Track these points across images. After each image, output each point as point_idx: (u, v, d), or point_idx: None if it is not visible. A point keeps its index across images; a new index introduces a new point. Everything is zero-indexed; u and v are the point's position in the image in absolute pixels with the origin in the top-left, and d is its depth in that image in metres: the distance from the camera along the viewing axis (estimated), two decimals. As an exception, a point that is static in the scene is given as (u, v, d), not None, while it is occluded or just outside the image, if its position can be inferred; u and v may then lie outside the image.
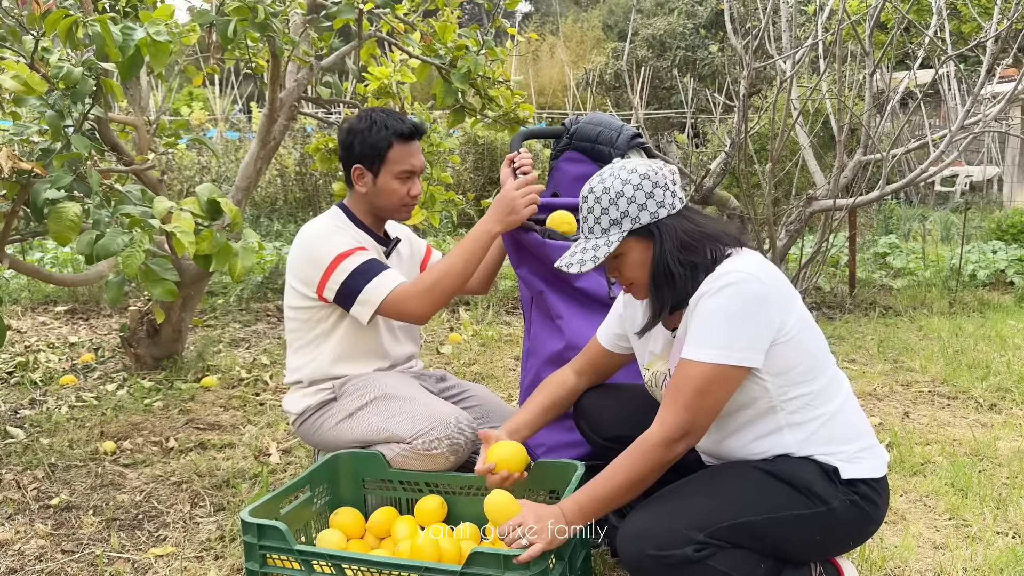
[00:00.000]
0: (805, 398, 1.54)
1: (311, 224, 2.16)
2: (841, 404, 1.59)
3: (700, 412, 1.49)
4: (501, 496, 1.66)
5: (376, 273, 2.01)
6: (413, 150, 2.13)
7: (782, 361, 1.51)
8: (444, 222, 7.11)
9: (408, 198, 2.15)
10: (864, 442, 1.58)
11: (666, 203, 1.55)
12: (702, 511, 1.47)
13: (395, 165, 2.11)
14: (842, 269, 5.80)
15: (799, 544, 1.53)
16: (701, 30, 18.85)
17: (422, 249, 2.41)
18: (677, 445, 1.49)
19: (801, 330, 1.53)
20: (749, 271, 1.49)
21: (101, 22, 2.13)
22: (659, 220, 1.55)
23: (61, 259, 5.55)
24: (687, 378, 1.49)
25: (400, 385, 2.09)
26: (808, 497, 1.50)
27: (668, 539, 1.43)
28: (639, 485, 1.51)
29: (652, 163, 1.59)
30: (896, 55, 5.94)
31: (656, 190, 1.55)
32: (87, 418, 3.05)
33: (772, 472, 1.52)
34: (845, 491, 1.52)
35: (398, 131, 2.09)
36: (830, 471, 1.53)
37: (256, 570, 1.64)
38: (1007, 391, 3.33)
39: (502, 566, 1.45)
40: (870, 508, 1.54)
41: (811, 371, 1.55)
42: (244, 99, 12.49)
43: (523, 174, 2.35)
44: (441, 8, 3.33)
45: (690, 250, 1.54)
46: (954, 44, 4.56)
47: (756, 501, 1.49)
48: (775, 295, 1.50)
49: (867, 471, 1.55)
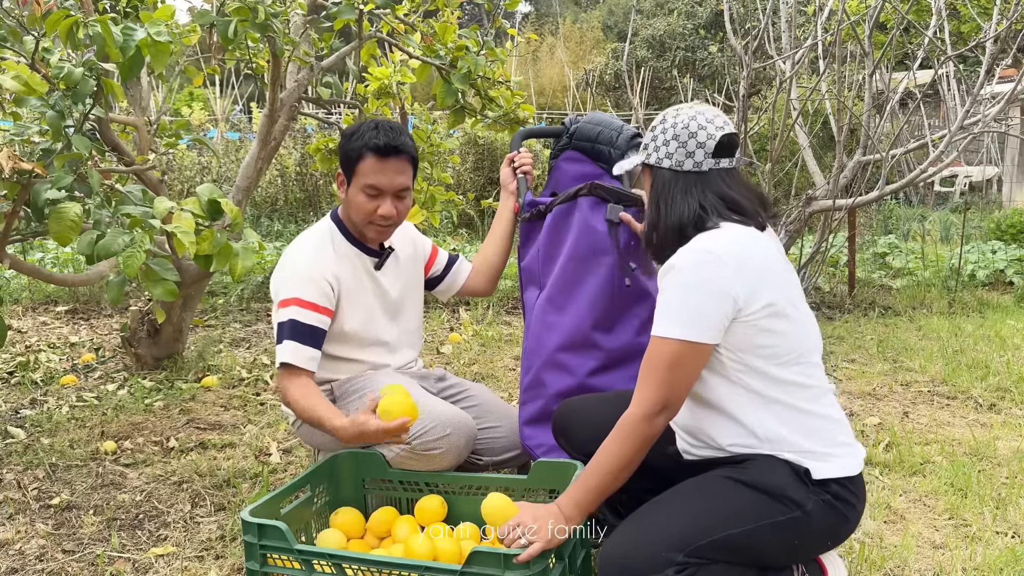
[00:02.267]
0: (768, 379, 1.54)
1: (301, 244, 2.13)
2: (815, 398, 1.57)
3: (674, 386, 1.51)
4: (498, 499, 1.67)
5: (295, 338, 1.97)
6: (386, 168, 2.01)
7: (742, 339, 1.52)
8: (444, 222, 7.12)
9: (376, 216, 2.04)
10: (838, 438, 1.57)
11: (674, 157, 1.61)
12: (680, 531, 1.46)
13: (362, 178, 2.02)
14: (841, 269, 5.81)
15: (778, 550, 1.54)
16: (701, 31, 18.86)
17: (427, 249, 2.37)
18: (657, 419, 1.51)
19: (771, 315, 1.52)
20: (714, 250, 1.51)
21: (102, 22, 2.13)
22: (660, 166, 1.63)
23: (62, 259, 5.56)
24: (658, 354, 1.52)
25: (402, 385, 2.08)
26: (783, 503, 1.49)
27: (648, 562, 1.42)
28: (629, 466, 1.52)
29: (703, 120, 1.61)
30: (896, 55, 5.94)
31: (673, 142, 1.61)
32: (88, 418, 3.05)
33: (745, 481, 1.52)
34: (818, 492, 1.51)
35: (373, 144, 1.99)
36: (801, 472, 1.52)
37: (256, 570, 1.64)
38: (1006, 391, 3.34)
39: (502, 565, 1.46)
40: (845, 508, 1.53)
41: (779, 356, 1.54)
42: (244, 99, 12.49)
43: (523, 173, 2.36)
44: (441, 9, 3.34)
45: (667, 207, 1.61)
46: (953, 44, 4.57)
47: (732, 514, 1.49)
48: (739, 275, 1.49)
49: (840, 470, 1.53)
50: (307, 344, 1.99)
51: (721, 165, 1.61)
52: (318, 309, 2.02)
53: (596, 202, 2.13)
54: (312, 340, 2.00)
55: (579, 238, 2.12)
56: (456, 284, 2.40)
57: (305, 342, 1.99)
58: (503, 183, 2.39)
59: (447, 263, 2.40)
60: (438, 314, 4.96)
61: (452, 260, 2.41)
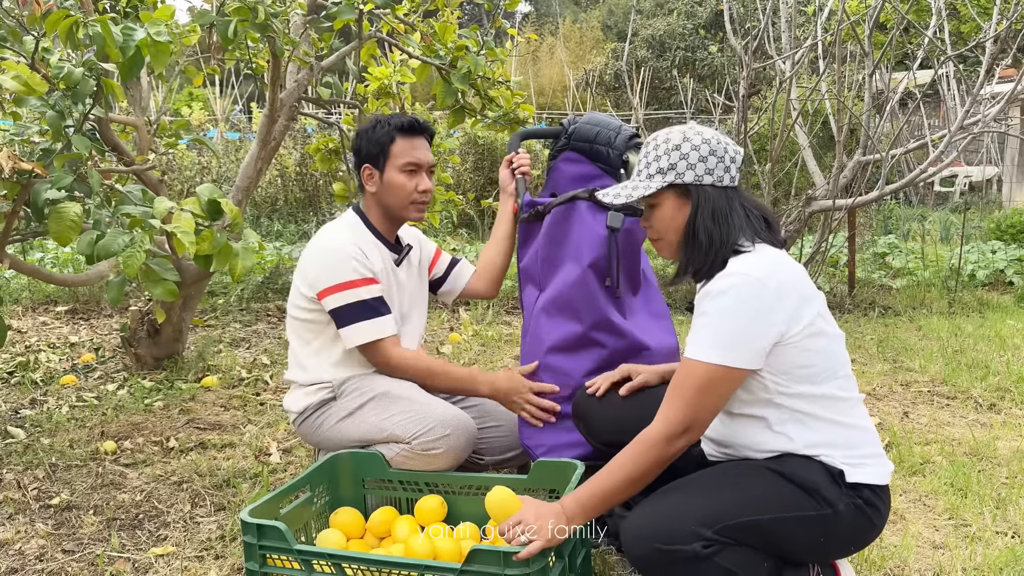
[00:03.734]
0: (807, 399, 1.54)
1: (331, 231, 2.15)
2: (849, 409, 1.58)
3: (701, 410, 1.50)
4: (502, 493, 1.67)
5: (376, 315, 2.05)
6: (417, 144, 2.13)
7: (785, 362, 1.51)
8: (444, 222, 7.12)
9: (417, 194, 2.14)
10: (869, 449, 1.58)
11: (715, 172, 1.57)
12: (711, 508, 1.48)
13: (398, 158, 2.11)
14: (841, 269, 5.81)
15: (803, 545, 1.54)
16: (701, 30, 18.86)
17: (431, 252, 2.40)
18: (678, 441, 1.50)
19: (811, 335, 1.51)
20: (755, 274, 1.49)
21: (102, 22, 2.13)
22: (701, 184, 1.57)
23: (62, 259, 5.56)
24: (689, 376, 1.50)
25: (399, 385, 2.09)
26: (815, 499, 1.50)
27: (677, 534, 1.43)
28: (640, 481, 1.51)
29: (721, 136, 1.61)
30: (895, 55, 5.94)
31: (711, 158, 1.57)
32: (88, 418, 3.05)
33: (780, 472, 1.53)
34: (850, 495, 1.52)
35: (399, 125, 2.12)
36: (836, 474, 1.53)
37: (256, 570, 1.64)
38: (1006, 391, 3.34)
39: (502, 563, 1.46)
40: (873, 514, 1.54)
41: (818, 375, 1.54)
42: (244, 99, 12.49)
43: (522, 175, 2.36)
44: (441, 9, 3.34)
45: (721, 223, 1.56)
46: (953, 44, 4.57)
47: (764, 500, 1.50)
48: (779, 299, 1.48)
49: (872, 477, 1.54)
50: (382, 314, 2.06)
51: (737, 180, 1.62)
52: (371, 281, 2.07)
53: (595, 205, 2.13)
54: (383, 308, 2.07)
55: (578, 240, 2.13)
56: (458, 286, 2.42)
57: (382, 312, 2.06)
58: (502, 185, 2.40)
59: (448, 265, 2.42)
60: (438, 314, 4.96)
61: (454, 262, 2.43)
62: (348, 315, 2.04)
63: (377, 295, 2.07)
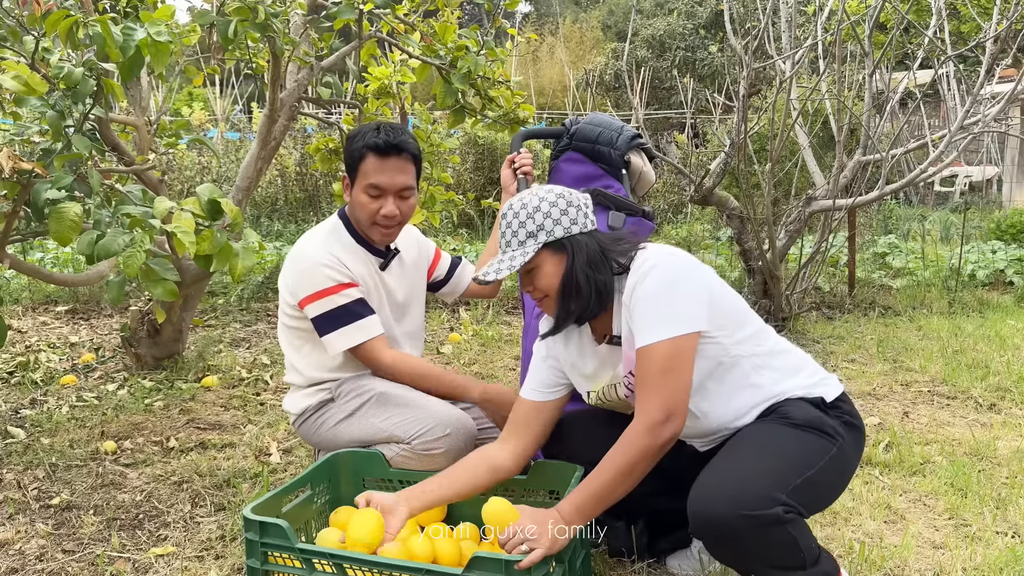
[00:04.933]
0: (752, 340, 1.65)
1: (307, 240, 2.13)
2: (777, 339, 1.72)
3: (673, 390, 1.52)
4: (499, 503, 1.66)
5: (356, 318, 2.03)
6: (387, 167, 2.02)
7: (720, 313, 1.61)
8: (444, 222, 7.11)
9: (379, 216, 2.04)
10: (814, 365, 1.73)
11: (579, 221, 1.64)
12: (774, 471, 1.50)
13: (364, 178, 2.03)
14: (841, 269, 5.80)
15: (838, 484, 1.64)
16: (701, 30, 18.86)
17: (430, 253, 2.38)
18: (662, 429, 1.50)
19: (722, 287, 1.65)
20: (664, 252, 1.61)
21: (102, 22, 2.13)
22: (572, 235, 1.64)
23: (62, 259, 5.56)
24: (649, 363, 1.53)
25: (398, 385, 2.09)
26: (828, 434, 1.58)
27: (759, 499, 1.45)
28: (631, 476, 1.52)
29: (562, 188, 1.68)
30: (895, 55, 5.94)
31: (570, 208, 1.64)
32: (88, 418, 3.05)
33: (795, 423, 1.58)
34: (838, 415, 1.62)
35: (373, 143, 2.01)
36: (819, 402, 1.62)
37: (257, 567, 1.64)
38: (1006, 391, 3.34)
39: (503, 571, 1.45)
40: (858, 422, 1.66)
41: (744, 317, 1.67)
42: (244, 99, 12.49)
43: (524, 175, 2.36)
44: (441, 8, 3.34)
45: (597, 267, 1.62)
46: (953, 44, 4.57)
47: (804, 453, 1.55)
48: (693, 261, 1.63)
49: (837, 389, 1.67)
50: (363, 316, 2.03)
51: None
52: (348, 285, 2.04)
53: (597, 206, 2.13)
54: (364, 310, 2.05)
55: None
56: (460, 286, 2.42)
57: (363, 314, 2.03)
58: (504, 185, 2.39)
59: (450, 266, 2.41)
60: (438, 314, 4.96)
61: (455, 263, 2.42)
62: (327, 322, 2.02)
63: (356, 298, 2.04)
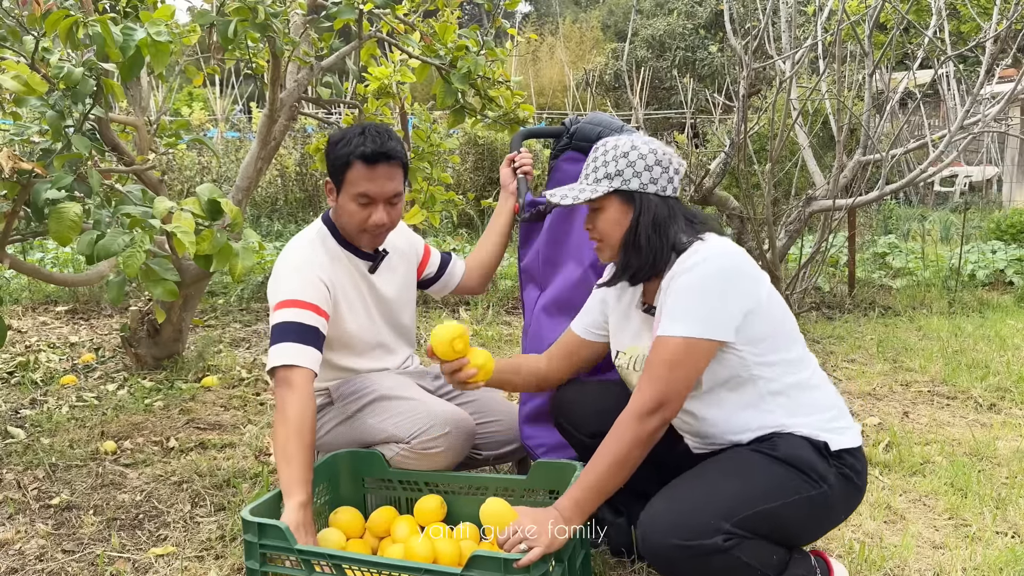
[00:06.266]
0: (781, 365, 1.60)
1: (289, 248, 2.07)
2: (813, 372, 1.66)
3: (672, 384, 1.52)
4: (497, 504, 1.66)
5: (290, 339, 1.88)
6: (376, 175, 1.94)
7: (757, 330, 1.57)
8: (444, 222, 7.11)
9: (369, 225, 1.99)
10: (839, 411, 1.65)
11: (659, 182, 1.64)
12: (725, 500, 1.49)
13: (352, 187, 1.96)
14: (841, 269, 5.81)
15: (807, 526, 1.59)
16: (701, 30, 18.86)
17: (419, 250, 2.34)
18: (651, 418, 1.51)
19: (772, 303, 1.60)
20: (717, 250, 1.58)
21: (102, 22, 2.13)
22: (645, 192, 1.63)
23: (62, 259, 5.56)
24: (660, 352, 1.53)
25: (396, 385, 2.08)
26: (811, 477, 1.54)
27: (697, 529, 1.44)
28: (624, 464, 1.52)
29: (667, 148, 1.67)
30: (895, 55, 5.94)
31: (656, 167, 1.63)
32: (88, 418, 3.05)
33: (774, 456, 1.55)
34: (837, 465, 1.58)
35: (361, 152, 1.92)
36: (820, 447, 1.58)
37: (256, 569, 1.64)
38: (1006, 391, 3.34)
39: (502, 570, 1.45)
40: (858, 479, 1.61)
41: (785, 340, 1.61)
42: (244, 99, 12.49)
43: (523, 174, 2.36)
44: (441, 8, 3.34)
45: (660, 232, 1.62)
46: (953, 44, 4.57)
47: (771, 487, 1.52)
48: (746, 269, 1.58)
49: (850, 441, 1.61)
50: (310, 344, 1.89)
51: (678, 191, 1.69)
52: (316, 310, 1.94)
53: None
54: (313, 340, 1.91)
55: (579, 240, 2.13)
56: (451, 284, 2.40)
57: (307, 342, 1.89)
58: (503, 183, 2.40)
59: (440, 264, 2.38)
60: (438, 314, 4.96)
61: (446, 261, 2.39)
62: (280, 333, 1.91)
63: (317, 326, 1.93)
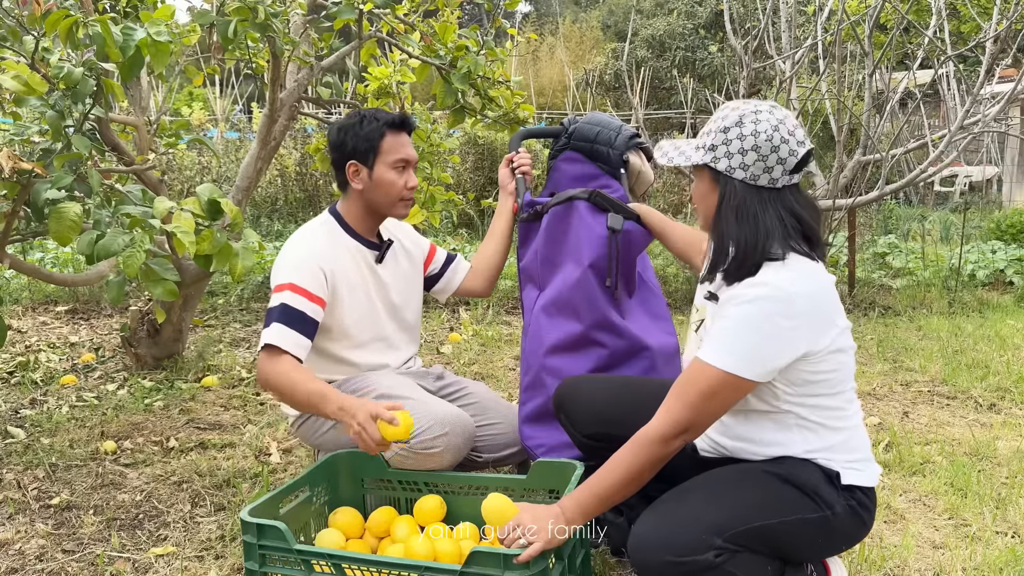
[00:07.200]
0: (818, 410, 1.55)
1: (294, 236, 2.15)
2: (850, 418, 1.58)
3: (702, 414, 1.49)
4: (498, 499, 1.66)
5: (285, 321, 1.95)
6: (405, 141, 2.13)
7: (800, 376, 1.50)
8: (444, 222, 7.11)
9: (406, 191, 2.13)
10: (863, 453, 1.60)
11: (750, 170, 1.48)
12: (719, 515, 1.47)
13: (389, 155, 2.10)
14: (841, 269, 5.80)
15: (805, 546, 1.55)
16: (701, 30, 18.86)
17: (425, 248, 2.38)
18: (674, 441, 1.50)
19: (831, 353, 1.49)
20: (786, 288, 1.43)
21: (102, 22, 2.13)
22: (731, 177, 1.50)
23: (62, 259, 5.56)
24: (696, 378, 1.48)
25: (396, 385, 2.08)
26: (815, 500, 1.51)
27: (689, 545, 1.42)
28: (637, 480, 1.51)
29: (785, 133, 1.48)
30: (895, 55, 5.94)
31: (752, 153, 1.47)
32: (88, 418, 3.05)
33: (779, 475, 1.53)
34: (845, 496, 1.54)
35: (389, 121, 2.09)
36: (832, 476, 1.54)
37: (256, 570, 1.64)
38: (1006, 391, 3.34)
39: (502, 565, 1.45)
40: (865, 515, 1.57)
41: (830, 388, 1.54)
42: (244, 99, 12.48)
43: (522, 174, 2.37)
44: (441, 8, 3.34)
45: (742, 224, 1.48)
46: (953, 44, 4.57)
47: (769, 504, 1.50)
48: (805, 319, 1.44)
49: (864, 480, 1.56)
50: (296, 329, 1.96)
51: (793, 180, 1.51)
52: (311, 297, 2.00)
53: (593, 206, 2.14)
54: (302, 326, 1.97)
55: (578, 240, 2.13)
56: (453, 283, 2.41)
57: (294, 327, 1.95)
58: (502, 184, 2.40)
59: (444, 261, 2.40)
60: (438, 314, 4.96)
61: (450, 259, 2.41)
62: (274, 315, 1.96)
63: (310, 313, 1.99)
